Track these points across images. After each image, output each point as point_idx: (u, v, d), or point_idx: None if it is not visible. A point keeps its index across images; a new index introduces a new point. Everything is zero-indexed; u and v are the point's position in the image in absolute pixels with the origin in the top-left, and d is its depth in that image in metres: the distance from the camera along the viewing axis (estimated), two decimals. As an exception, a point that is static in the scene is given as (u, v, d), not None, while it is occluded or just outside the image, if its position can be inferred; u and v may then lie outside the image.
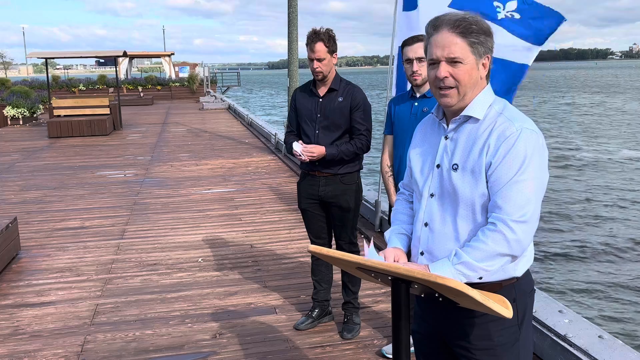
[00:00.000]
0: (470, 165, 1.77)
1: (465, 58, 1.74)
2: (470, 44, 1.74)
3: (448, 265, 1.73)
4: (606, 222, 10.89)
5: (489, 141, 1.74)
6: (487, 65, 1.80)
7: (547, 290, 7.35)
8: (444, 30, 1.75)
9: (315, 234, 3.83)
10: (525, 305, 1.86)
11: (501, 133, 1.73)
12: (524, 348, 1.88)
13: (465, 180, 1.78)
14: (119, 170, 10.17)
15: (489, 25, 1.79)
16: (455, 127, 1.85)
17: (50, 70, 20.55)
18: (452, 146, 1.84)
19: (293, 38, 10.65)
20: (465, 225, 1.80)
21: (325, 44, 3.44)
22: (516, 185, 1.69)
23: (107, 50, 20.20)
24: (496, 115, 1.78)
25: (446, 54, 1.75)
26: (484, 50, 1.77)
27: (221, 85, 38.25)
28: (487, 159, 1.74)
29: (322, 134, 3.58)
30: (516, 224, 1.68)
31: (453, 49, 1.74)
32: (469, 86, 1.77)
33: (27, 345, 3.72)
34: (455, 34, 1.74)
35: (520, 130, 1.72)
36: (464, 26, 1.73)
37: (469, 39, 1.74)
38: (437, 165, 1.87)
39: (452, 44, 1.74)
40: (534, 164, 1.70)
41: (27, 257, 5.48)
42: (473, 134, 1.79)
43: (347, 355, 3.50)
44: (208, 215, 6.89)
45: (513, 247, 1.69)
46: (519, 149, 1.70)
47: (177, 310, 4.20)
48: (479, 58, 1.76)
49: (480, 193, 1.76)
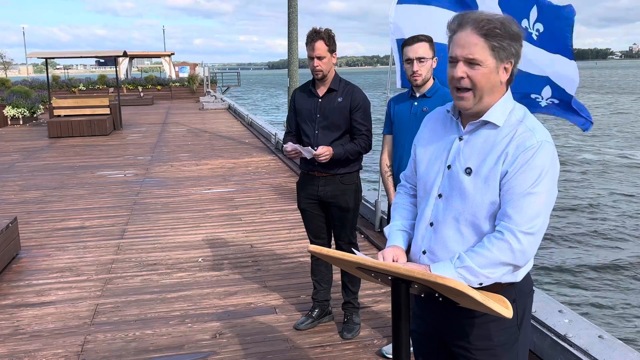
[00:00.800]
0: (485, 171, 1.74)
1: (484, 61, 1.69)
2: (491, 47, 1.68)
3: (450, 268, 1.73)
4: (608, 222, 10.89)
5: (508, 150, 1.71)
6: (509, 70, 1.74)
7: (547, 291, 7.35)
8: (467, 29, 1.70)
9: (314, 234, 3.83)
10: (524, 305, 1.86)
11: (521, 143, 1.70)
12: (523, 349, 1.88)
13: (477, 186, 1.75)
14: (119, 170, 10.17)
15: (518, 30, 1.71)
16: (472, 130, 1.81)
17: (50, 70, 20.55)
18: (467, 149, 1.80)
19: (293, 38, 10.65)
20: (470, 230, 1.79)
21: (325, 43, 3.45)
22: (529, 197, 1.67)
23: (107, 50, 20.19)
24: (517, 123, 1.74)
25: (465, 54, 1.70)
26: (505, 55, 1.70)
27: (221, 85, 38.25)
28: (504, 167, 1.71)
29: (321, 134, 3.58)
30: (523, 235, 1.67)
31: (473, 50, 1.69)
32: (485, 90, 1.72)
33: (27, 345, 3.72)
34: (478, 35, 1.68)
35: (540, 143, 1.69)
36: (488, 28, 1.68)
37: (491, 42, 1.68)
38: (449, 166, 1.83)
39: (472, 45, 1.69)
40: (549, 179, 1.69)
41: (27, 257, 5.48)
42: (491, 140, 1.76)
43: (347, 355, 3.50)
44: (208, 215, 6.89)
45: (517, 257, 1.69)
46: (538, 162, 1.68)
47: (177, 310, 4.20)
48: (499, 62, 1.70)
49: (490, 200, 1.74)
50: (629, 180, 14.71)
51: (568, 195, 13.10)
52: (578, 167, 16.73)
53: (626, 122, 28.30)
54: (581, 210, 11.84)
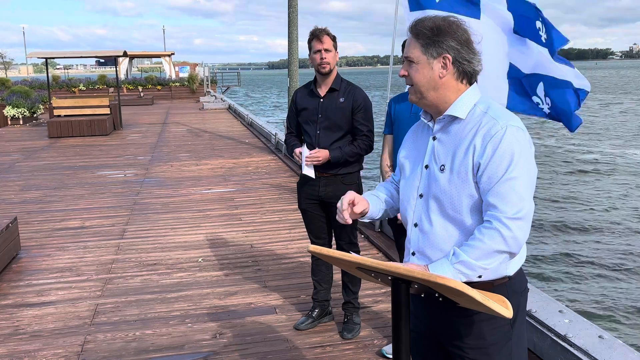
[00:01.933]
0: (457, 166, 1.78)
1: (416, 58, 1.81)
2: (422, 45, 1.80)
3: (447, 265, 1.73)
4: (607, 222, 10.89)
5: (475, 141, 1.75)
6: (448, 66, 1.79)
7: (547, 290, 7.35)
8: (409, 32, 1.86)
9: (315, 234, 3.83)
10: (517, 305, 1.86)
11: (486, 132, 1.74)
12: (517, 347, 1.89)
13: (452, 181, 1.79)
14: (119, 170, 10.17)
15: (449, 23, 1.79)
16: (442, 128, 1.86)
17: (50, 70, 20.55)
18: (440, 147, 1.85)
19: (293, 38, 10.65)
20: (454, 226, 1.81)
21: (330, 38, 3.53)
22: (508, 183, 1.69)
23: (107, 50, 20.19)
24: (481, 114, 1.79)
25: (405, 53, 1.86)
26: (437, 51, 1.79)
27: (221, 85, 38.26)
28: (475, 159, 1.74)
29: (323, 134, 3.58)
30: (511, 221, 1.68)
31: (408, 50, 1.84)
32: (422, 85, 1.81)
33: (27, 345, 3.72)
34: (411, 35, 1.84)
35: (505, 127, 1.72)
36: (418, 28, 1.81)
37: (420, 41, 1.81)
38: (426, 166, 1.88)
39: (409, 45, 1.84)
40: (523, 160, 1.71)
41: (27, 257, 5.48)
42: (459, 135, 1.81)
43: (347, 355, 3.50)
44: (208, 215, 6.89)
45: (510, 244, 1.69)
46: (506, 146, 1.70)
47: (177, 310, 4.20)
48: (431, 58, 1.79)
49: (467, 194, 1.77)
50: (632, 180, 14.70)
51: (569, 195, 13.11)
52: (581, 166, 16.73)
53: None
54: (582, 210, 11.84)
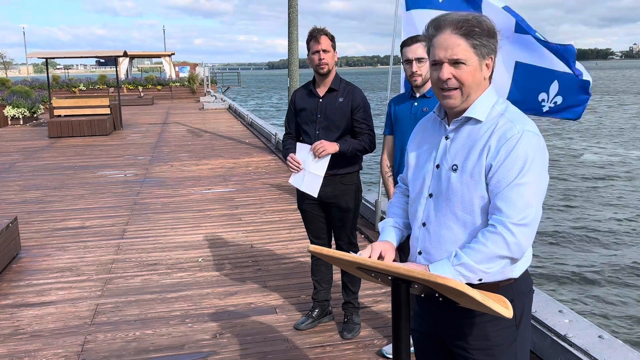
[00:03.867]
0: (470, 166, 1.76)
1: (468, 59, 1.74)
2: (473, 46, 1.73)
3: (448, 266, 1.73)
4: (608, 222, 10.89)
5: (490, 143, 1.73)
6: (490, 66, 1.79)
7: (547, 290, 7.35)
8: (446, 31, 1.74)
9: (315, 235, 3.83)
10: (522, 305, 1.85)
11: (502, 135, 1.72)
12: (522, 348, 1.88)
13: (464, 182, 1.77)
14: (119, 170, 10.18)
15: (493, 26, 1.77)
16: (456, 128, 1.84)
17: (50, 70, 20.55)
18: (453, 147, 1.83)
19: (293, 38, 10.65)
20: (463, 227, 1.80)
21: (329, 38, 3.52)
22: (517, 188, 1.68)
23: (107, 50, 20.19)
24: (498, 116, 1.78)
25: (449, 55, 1.74)
26: (487, 51, 1.76)
27: (221, 85, 38.25)
28: (488, 160, 1.73)
29: (322, 134, 3.57)
30: (516, 227, 1.67)
31: (456, 51, 1.73)
32: (472, 87, 1.77)
33: (28, 345, 3.72)
34: (458, 35, 1.73)
35: (521, 132, 1.70)
36: (466, 27, 1.73)
37: (471, 40, 1.73)
38: (437, 166, 1.86)
39: (455, 46, 1.73)
40: (535, 167, 1.69)
41: (27, 257, 5.48)
42: (474, 135, 1.78)
43: (347, 355, 3.50)
44: (208, 215, 6.89)
45: (513, 250, 1.68)
46: (520, 151, 1.69)
47: (177, 310, 4.21)
48: (482, 59, 1.76)
49: (479, 195, 1.75)
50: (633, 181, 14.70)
51: (569, 195, 13.10)
52: (582, 168, 16.73)
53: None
54: (582, 210, 11.84)
